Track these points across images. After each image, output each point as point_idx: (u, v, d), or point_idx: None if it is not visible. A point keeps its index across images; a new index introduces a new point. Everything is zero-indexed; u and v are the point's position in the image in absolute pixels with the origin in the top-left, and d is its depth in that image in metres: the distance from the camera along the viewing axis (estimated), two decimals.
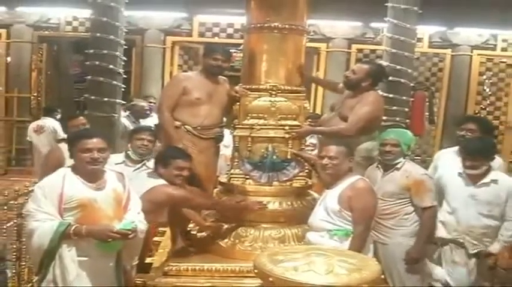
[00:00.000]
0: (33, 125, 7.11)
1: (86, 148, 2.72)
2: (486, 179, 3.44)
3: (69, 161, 3.15)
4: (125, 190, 2.86)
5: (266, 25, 3.72)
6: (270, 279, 1.99)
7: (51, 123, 6.91)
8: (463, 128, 3.80)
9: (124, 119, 6.24)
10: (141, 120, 6.41)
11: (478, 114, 9.59)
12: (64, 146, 3.60)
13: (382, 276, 3.05)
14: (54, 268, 2.64)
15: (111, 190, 2.79)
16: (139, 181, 3.36)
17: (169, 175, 3.31)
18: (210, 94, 3.78)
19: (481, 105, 9.82)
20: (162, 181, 3.28)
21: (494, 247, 3.43)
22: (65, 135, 7.11)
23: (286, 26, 3.72)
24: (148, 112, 6.59)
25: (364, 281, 1.98)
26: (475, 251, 3.48)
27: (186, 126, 3.72)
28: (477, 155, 3.40)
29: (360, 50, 9.48)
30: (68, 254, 2.63)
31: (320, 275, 1.97)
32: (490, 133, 3.96)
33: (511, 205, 3.41)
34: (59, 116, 6.95)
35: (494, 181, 3.43)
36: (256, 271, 2.11)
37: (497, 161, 3.76)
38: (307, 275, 1.96)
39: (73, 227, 2.61)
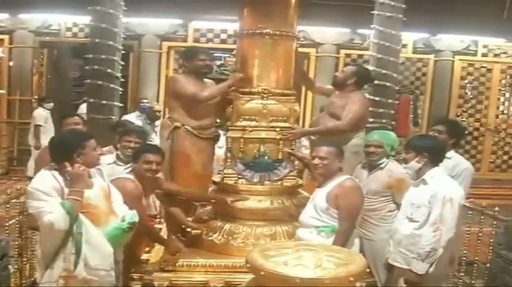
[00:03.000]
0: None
1: (95, 148, 2.85)
2: (418, 179, 3.16)
3: None
4: (106, 183, 2.99)
5: (258, 31, 3.80)
6: (262, 273, 2.02)
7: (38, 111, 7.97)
8: (433, 129, 3.84)
9: (137, 121, 6.40)
10: (156, 122, 6.64)
11: (460, 117, 9.89)
12: None
13: (368, 270, 3.16)
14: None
15: (99, 187, 2.90)
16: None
17: (139, 169, 3.34)
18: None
19: (463, 108, 10.07)
20: (128, 175, 3.34)
21: (420, 268, 2.96)
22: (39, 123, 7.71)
23: (277, 32, 3.80)
24: (158, 114, 6.82)
25: (351, 274, 2.02)
26: (394, 264, 3.18)
27: (186, 127, 3.76)
28: (410, 148, 3.18)
29: (347, 55, 9.70)
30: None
31: (309, 269, 2.01)
32: (457, 136, 3.79)
33: (433, 209, 2.97)
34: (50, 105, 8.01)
35: (424, 182, 3.11)
36: (248, 265, 2.14)
37: (462, 166, 3.61)
38: (297, 269, 2.00)
39: (71, 198, 2.66)
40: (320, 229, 3.21)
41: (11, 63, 9.39)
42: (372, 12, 6.14)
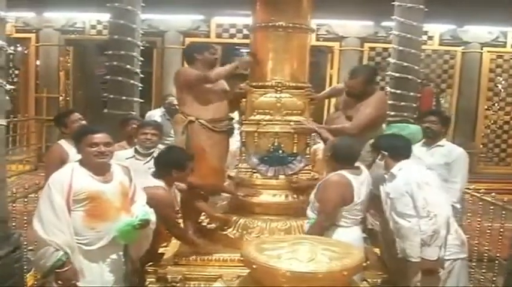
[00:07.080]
0: None
1: (93, 143, 2.80)
2: (387, 175, 3.21)
3: (74, 157, 3.22)
4: (131, 183, 2.96)
5: (271, 24, 3.78)
6: (254, 266, 1.98)
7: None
8: (427, 121, 3.84)
9: (157, 117, 6.40)
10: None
11: (489, 110, 9.70)
12: (64, 143, 3.74)
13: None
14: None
15: (118, 183, 2.88)
16: (143, 175, 3.41)
17: (183, 177, 3.35)
18: (216, 86, 3.80)
19: (492, 101, 9.75)
20: (161, 183, 3.27)
21: (431, 254, 2.96)
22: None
23: (290, 25, 3.78)
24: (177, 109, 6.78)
25: (345, 268, 1.95)
26: (410, 259, 3.13)
27: (200, 120, 3.71)
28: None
29: (372, 49, 9.55)
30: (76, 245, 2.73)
31: (302, 262, 1.96)
32: (447, 124, 4.02)
33: (415, 197, 3.02)
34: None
35: (392, 175, 3.16)
36: (242, 259, 2.11)
37: (456, 151, 3.73)
38: (289, 263, 1.95)
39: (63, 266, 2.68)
40: (309, 221, 3.23)
41: (38, 62, 9.61)
42: (393, 3, 6.01)
